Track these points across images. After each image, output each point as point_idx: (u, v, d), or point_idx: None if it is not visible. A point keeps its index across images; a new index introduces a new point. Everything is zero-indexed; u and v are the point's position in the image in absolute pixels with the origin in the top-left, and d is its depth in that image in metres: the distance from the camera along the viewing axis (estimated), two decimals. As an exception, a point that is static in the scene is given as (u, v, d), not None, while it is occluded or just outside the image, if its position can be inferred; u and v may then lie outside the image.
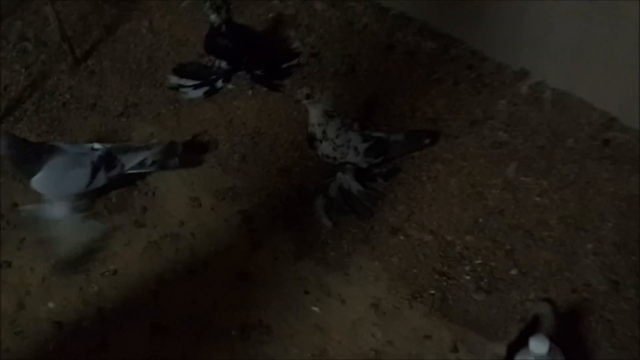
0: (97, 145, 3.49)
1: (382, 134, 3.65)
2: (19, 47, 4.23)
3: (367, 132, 3.62)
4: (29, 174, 3.35)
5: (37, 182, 3.38)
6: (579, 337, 3.26)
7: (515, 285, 3.40)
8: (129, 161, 3.48)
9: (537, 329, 3.11)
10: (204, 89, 4.04)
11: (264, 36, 4.20)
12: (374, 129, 3.68)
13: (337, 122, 3.47)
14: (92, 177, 3.41)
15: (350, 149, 3.51)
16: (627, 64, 3.58)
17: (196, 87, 4.05)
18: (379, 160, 3.63)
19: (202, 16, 4.09)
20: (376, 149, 3.58)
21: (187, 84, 4.07)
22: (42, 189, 3.42)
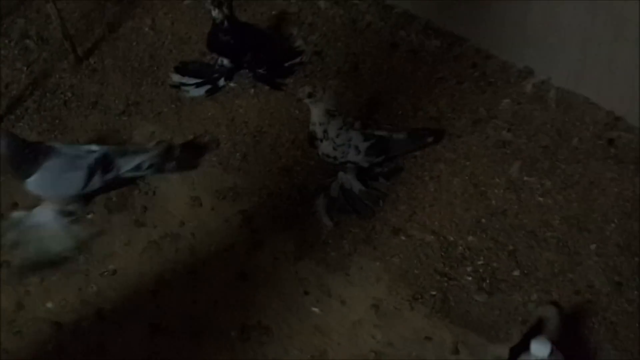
0: (94, 147, 3.46)
1: (384, 132, 3.61)
2: (20, 45, 4.22)
3: (369, 130, 3.57)
4: (25, 175, 3.33)
5: (32, 184, 3.35)
6: (581, 338, 3.23)
7: (517, 286, 3.37)
8: (126, 164, 3.44)
9: (540, 332, 3.08)
10: (206, 87, 4.02)
11: (267, 34, 4.17)
12: (375, 127, 3.64)
13: (338, 122, 3.45)
14: (88, 180, 3.39)
15: (351, 147, 3.48)
16: (632, 63, 3.55)
17: (198, 85, 4.03)
18: (380, 159, 3.60)
19: (205, 14, 4.08)
20: (377, 147, 3.55)
21: (189, 82, 4.04)
22: (37, 191, 3.40)
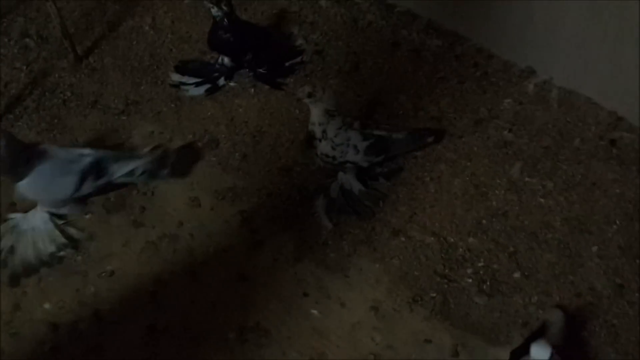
0: (87, 150, 3.45)
1: (383, 132, 3.59)
2: (20, 44, 4.20)
3: (368, 130, 3.55)
4: (18, 178, 3.32)
5: (24, 187, 3.35)
6: (582, 342, 3.20)
7: (518, 288, 3.34)
8: (119, 170, 3.42)
9: (543, 335, 3.06)
10: (206, 86, 4.00)
11: (268, 33, 4.15)
12: (375, 127, 3.62)
13: (337, 122, 3.42)
14: (79, 185, 3.38)
15: (349, 147, 3.46)
16: (634, 63, 3.52)
17: (198, 84, 4.01)
18: (380, 158, 3.58)
19: (206, 13, 4.05)
20: (377, 147, 3.53)
21: (188, 81, 4.02)
22: (28, 194, 3.39)
